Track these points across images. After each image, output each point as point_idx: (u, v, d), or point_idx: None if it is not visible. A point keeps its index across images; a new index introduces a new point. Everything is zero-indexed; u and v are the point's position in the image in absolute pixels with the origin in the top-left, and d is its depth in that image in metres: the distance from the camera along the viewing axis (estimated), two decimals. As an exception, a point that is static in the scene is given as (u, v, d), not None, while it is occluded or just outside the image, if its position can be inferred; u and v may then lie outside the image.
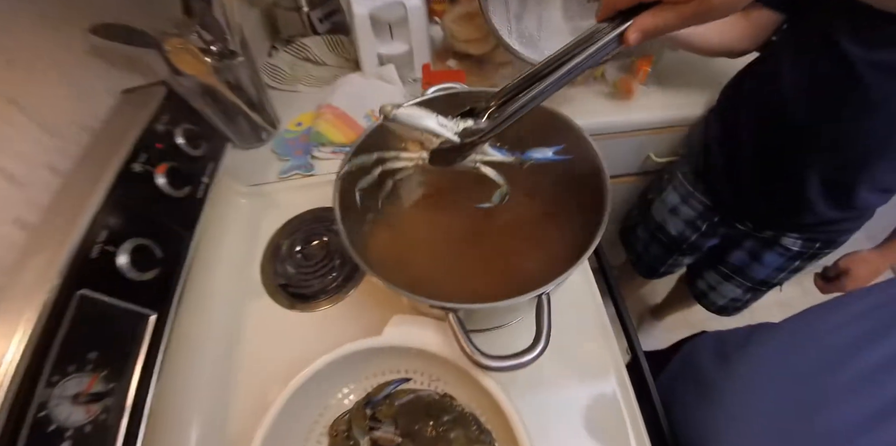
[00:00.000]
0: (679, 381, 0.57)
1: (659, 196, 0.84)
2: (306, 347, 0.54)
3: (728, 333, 0.56)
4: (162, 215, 0.47)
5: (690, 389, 0.53)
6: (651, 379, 0.54)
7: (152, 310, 0.43)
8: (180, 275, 0.47)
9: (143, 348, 0.42)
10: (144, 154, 0.46)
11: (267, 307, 0.58)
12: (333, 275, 0.61)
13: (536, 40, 0.65)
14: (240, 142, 0.74)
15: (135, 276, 0.42)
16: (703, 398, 0.50)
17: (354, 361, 0.43)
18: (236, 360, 0.54)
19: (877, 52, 0.49)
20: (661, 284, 1.27)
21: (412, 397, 0.45)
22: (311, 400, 0.45)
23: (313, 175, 0.70)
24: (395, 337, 0.42)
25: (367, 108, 0.72)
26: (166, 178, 0.47)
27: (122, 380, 0.40)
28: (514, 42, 0.65)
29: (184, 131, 0.52)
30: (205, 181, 0.54)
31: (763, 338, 0.48)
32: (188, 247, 0.49)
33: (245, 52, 0.64)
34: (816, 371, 0.40)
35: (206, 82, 0.62)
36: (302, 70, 0.87)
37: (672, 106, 0.77)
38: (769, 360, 0.45)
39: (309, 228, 0.65)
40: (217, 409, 0.51)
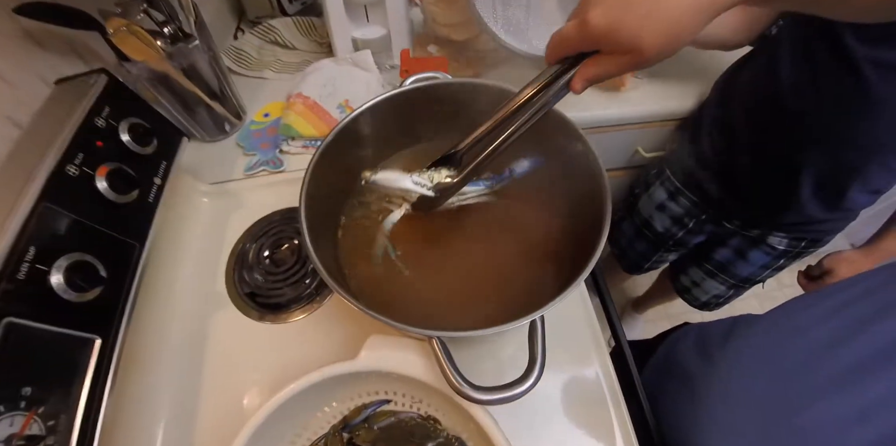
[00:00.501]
0: (662, 375, 0.56)
1: (646, 191, 0.82)
2: (279, 363, 0.51)
3: (709, 326, 0.55)
4: (105, 225, 0.41)
5: (673, 383, 0.53)
6: (635, 368, 0.53)
7: (96, 335, 0.38)
8: (129, 293, 0.42)
9: (88, 378, 0.37)
10: (82, 154, 0.40)
11: (234, 319, 0.54)
12: (307, 281, 0.56)
13: (524, 29, 0.60)
14: (200, 135, 0.67)
15: (73, 298, 0.36)
16: (685, 393, 0.49)
17: (327, 386, 0.39)
18: (201, 381, 0.49)
19: (879, 49, 0.47)
20: (643, 277, 1.27)
21: (393, 420, 0.42)
22: (283, 427, 0.41)
23: (282, 171, 0.65)
24: (372, 361, 0.38)
25: (340, 97, 0.66)
26: (109, 182, 0.41)
27: (64, 416, 0.35)
28: (500, 30, 0.60)
29: (130, 126, 0.46)
30: (157, 182, 0.48)
31: (744, 332, 0.48)
32: (138, 259, 0.44)
33: (202, 35, 0.57)
34: (799, 365, 0.39)
35: (157, 69, 0.55)
36: (270, 54, 0.80)
37: (663, 99, 0.73)
38: (750, 355, 0.44)
39: (278, 230, 0.60)
40: (182, 436, 0.46)
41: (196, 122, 0.65)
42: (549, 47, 0.31)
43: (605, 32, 0.27)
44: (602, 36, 0.27)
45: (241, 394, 0.49)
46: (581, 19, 0.28)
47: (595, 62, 0.30)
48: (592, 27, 0.27)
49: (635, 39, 0.27)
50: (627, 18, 0.26)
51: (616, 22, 0.26)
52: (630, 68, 0.29)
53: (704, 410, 0.45)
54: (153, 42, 0.51)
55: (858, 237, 1.41)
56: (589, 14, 0.27)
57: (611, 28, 0.27)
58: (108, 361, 0.39)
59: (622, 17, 0.26)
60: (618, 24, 0.26)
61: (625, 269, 0.99)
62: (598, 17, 0.27)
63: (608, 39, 0.27)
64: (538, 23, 0.61)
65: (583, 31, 0.28)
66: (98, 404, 0.38)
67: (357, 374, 0.39)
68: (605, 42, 0.28)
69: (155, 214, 0.47)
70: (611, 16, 0.27)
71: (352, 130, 0.44)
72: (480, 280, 0.42)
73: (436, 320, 0.36)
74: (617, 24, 0.26)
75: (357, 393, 0.43)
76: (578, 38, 0.29)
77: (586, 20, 0.27)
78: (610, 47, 0.28)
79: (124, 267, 0.43)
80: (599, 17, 0.27)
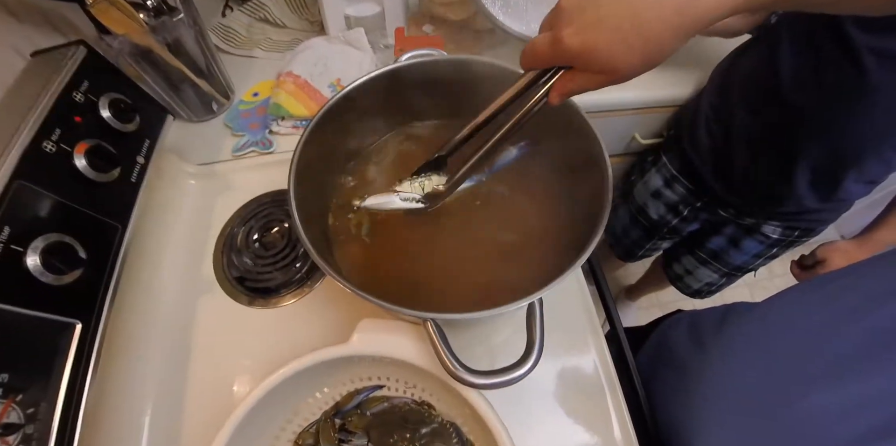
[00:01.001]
0: (654, 361, 0.56)
1: (642, 178, 0.82)
2: (270, 349, 0.49)
3: (701, 314, 0.55)
4: (85, 205, 0.39)
5: (665, 370, 0.53)
6: (631, 355, 0.53)
7: (76, 319, 0.36)
8: (111, 275, 0.40)
9: (68, 364, 0.36)
10: (59, 129, 0.38)
11: (222, 304, 0.52)
12: (297, 265, 0.55)
13: (523, 10, 0.58)
14: (186, 115, 0.65)
15: (50, 281, 0.35)
16: (677, 380, 0.49)
17: (319, 371, 0.38)
18: (189, 367, 0.48)
19: (881, 38, 0.47)
20: (636, 266, 1.28)
21: (386, 406, 0.41)
22: (273, 412, 0.40)
23: (272, 152, 0.63)
24: (365, 345, 0.37)
25: (332, 76, 0.64)
26: (88, 159, 0.39)
27: (44, 404, 0.34)
28: (498, 11, 0.58)
29: (111, 102, 0.44)
30: (140, 161, 0.46)
31: (737, 320, 0.47)
32: (121, 241, 0.42)
33: (188, 9, 0.54)
34: (791, 355, 0.39)
35: (140, 43, 0.52)
36: (259, 32, 0.77)
37: (662, 85, 0.72)
38: (743, 344, 0.44)
39: (268, 213, 0.58)
40: (169, 423, 0.45)
41: (182, 101, 0.62)
42: (524, 56, 0.30)
43: (578, 53, 0.26)
44: (575, 56, 0.26)
45: (231, 380, 0.48)
46: (554, 37, 0.26)
47: (571, 78, 0.28)
48: (566, 47, 0.26)
49: (609, 61, 0.25)
50: (601, 39, 0.25)
51: (590, 43, 0.25)
52: (607, 85, 0.28)
53: (696, 398, 0.45)
54: (135, 14, 0.49)
55: (848, 228, 1.42)
56: (562, 32, 0.26)
57: (584, 49, 0.25)
58: (90, 347, 0.38)
59: (596, 39, 0.25)
60: (591, 44, 0.25)
61: (618, 256, 0.99)
62: (571, 36, 0.25)
63: (582, 60, 0.26)
64: (537, 4, 0.59)
65: (556, 49, 0.27)
66: (80, 391, 0.36)
67: (349, 358, 0.38)
68: (579, 62, 0.27)
69: (138, 195, 0.45)
70: (584, 36, 0.25)
71: (343, 109, 0.42)
72: (476, 263, 0.41)
73: (430, 303, 0.35)
74: (591, 44, 0.25)
75: (349, 378, 0.42)
76: (551, 55, 0.27)
77: (559, 39, 0.26)
78: (584, 67, 0.27)
79: (106, 249, 0.41)
80: (572, 37, 0.25)
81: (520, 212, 0.44)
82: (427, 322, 0.31)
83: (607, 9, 0.24)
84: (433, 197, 0.40)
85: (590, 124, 0.39)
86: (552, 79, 0.30)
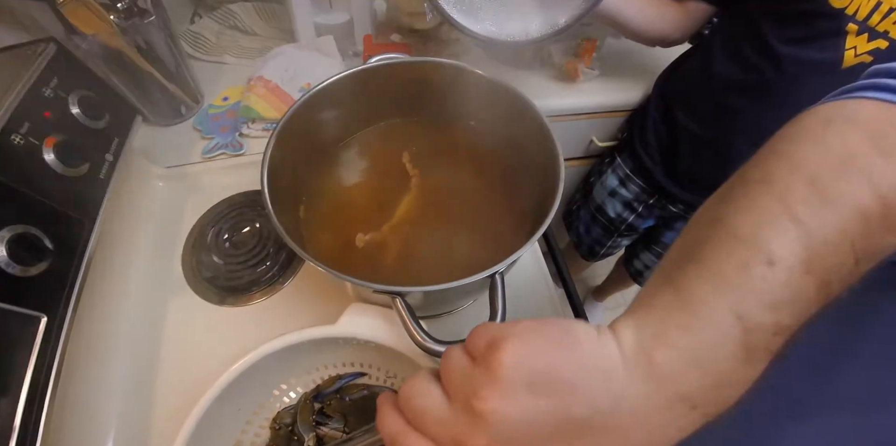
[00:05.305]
0: None
1: (599, 179, 0.87)
2: (240, 345, 0.49)
3: None
4: (52, 198, 0.39)
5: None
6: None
7: (41, 313, 0.36)
8: (78, 270, 0.40)
9: (32, 358, 0.35)
10: (28, 123, 0.39)
11: (192, 303, 0.52)
12: (267, 264, 0.56)
13: (477, 9, 0.55)
14: (155, 118, 0.65)
15: (16, 272, 0.35)
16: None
17: (303, 350, 0.39)
18: (158, 365, 0.48)
19: (800, 48, 0.53)
20: (601, 267, 1.33)
21: (365, 393, 0.42)
22: (253, 390, 0.41)
23: (242, 154, 0.64)
24: (351, 327, 0.38)
25: (302, 81, 0.66)
26: (57, 153, 0.40)
27: (5, 399, 0.33)
28: (452, 8, 0.58)
29: (80, 99, 0.44)
30: (108, 159, 0.47)
31: None
32: (88, 236, 0.42)
33: (158, 12, 0.56)
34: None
35: (110, 45, 0.53)
36: (229, 39, 0.79)
37: (613, 91, 0.78)
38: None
39: (238, 213, 0.59)
40: (137, 420, 0.45)
41: (151, 104, 0.63)
42: (385, 436, 0.21)
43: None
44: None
45: (200, 375, 0.47)
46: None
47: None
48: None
49: None
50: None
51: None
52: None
53: None
54: (106, 15, 0.50)
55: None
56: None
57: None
58: (56, 341, 0.37)
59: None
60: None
61: (582, 256, 1.03)
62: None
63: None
64: (493, 4, 0.60)
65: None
66: (44, 386, 0.36)
67: (335, 340, 0.39)
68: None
69: (106, 192, 0.45)
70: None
71: (311, 108, 0.44)
72: (443, 248, 0.43)
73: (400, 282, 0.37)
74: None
75: (332, 362, 0.43)
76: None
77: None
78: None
79: (73, 243, 0.41)
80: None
81: (482, 201, 0.47)
82: (396, 298, 0.33)
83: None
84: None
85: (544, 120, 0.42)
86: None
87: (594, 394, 0.18)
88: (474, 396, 0.18)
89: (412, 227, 0.45)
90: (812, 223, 0.18)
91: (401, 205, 0.46)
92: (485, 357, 0.19)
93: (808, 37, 0.52)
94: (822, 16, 0.50)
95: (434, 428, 0.20)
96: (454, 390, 0.20)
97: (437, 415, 0.20)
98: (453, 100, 0.49)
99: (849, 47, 0.50)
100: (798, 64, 0.54)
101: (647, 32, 0.64)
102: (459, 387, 0.20)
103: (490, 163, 0.49)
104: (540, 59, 0.79)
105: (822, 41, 0.51)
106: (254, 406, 0.41)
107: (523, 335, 0.19)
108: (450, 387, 0.20)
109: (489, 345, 0.20)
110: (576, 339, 0.19)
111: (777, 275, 0.18)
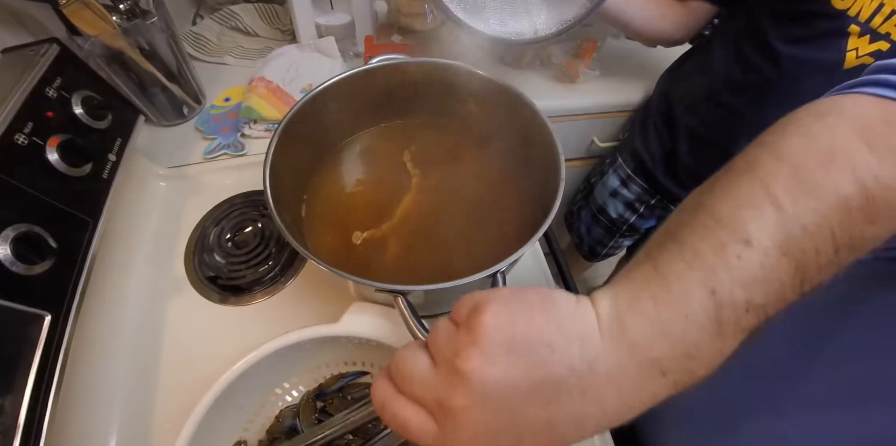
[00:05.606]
0: None
1: (601, 179, 0.87)
2: (242, 344, 0.49)
3: None
4: (56, 197, 0.39)
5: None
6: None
7: (46, 311, 0.36)
8: (82, 268, 0.40)
9: (37, 356, 0.35)
10: (31, 123, 0.39)
11: (194, 303, 0.52)
12: (269, 263, 0.56)
13: (481, 7, 0.55)
14: (157, 119, 0.65)
15: (21, 270, 0.35)
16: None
17: (306, 349, 0.39)
18: (160, 364, 0.48)
19: (801, 49, 0.53)
20: (603, 267, 1.33)
21: (367, 392, 0.43)
22: (256, 388, 0.41)
23: (244, 155, 0.64)
24: (353, 326, 0.38)
25: (304, 82, 0.66)
26: (60, 153, 0.40)
27: (10, 396, 0.34)
28: (457, 7, 0.58)
29: (83, 99, 0.44)
30: (112, 159, 0.47)
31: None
32: (92, 235, 0.42)
33: (160, 12, 0.56)
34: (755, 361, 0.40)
35: (112, 46, 0.54)
36: (231, 40, 0.79)
37: (614, 91, 0.78)
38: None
39: (240, 213, 0.59)
40: (140, 418, 0.45)
41: (153, 105, 0.63)
42: (375, 403, 0.22)
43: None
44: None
45: (202, 373, 0.47)
46: (441, 443, 0.20)
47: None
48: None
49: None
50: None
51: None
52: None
53: (666, 415, 0.46)
54: (108, 16, 0.50)
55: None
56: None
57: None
58: (59, 339, 0.37)
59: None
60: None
61: (584, 256, 1.03)
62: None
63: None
64: (497, 2, 0.59)
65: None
66: (48, 384, 0.36)
67: (336, 339, 0.39)
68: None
69: (109, 191, 0.46)
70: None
71: (313, 109, 0.45)
72: (444, 247, 0.43)
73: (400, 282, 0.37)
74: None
75: (335, 361, 0.43)
76: (426, 445, 0.20)
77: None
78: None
79: (77, 243, 0.41)
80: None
81: (484, 201, 0.47)
82: (398, 297, 0.33)
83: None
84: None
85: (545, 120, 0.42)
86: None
87: (571, 356, 0.19)
88: (457, 357, 0.19)
89: (414, 227, 0.46)
90: (792, 208, 0.19)
91: (402, 205, 0.46)
92: (467, 321, 0.20)
93: (809, 37, 0.52)
94: (824, 16, 0.50)
95: (419, 391, 0.20)
96: (439, 354, 0.21)
97: (422, 379, 0.20)
98: (454, 100, 0.49)
99: (850, 49, 0.50)
100: (799, 64, 0.54)
101: (649, 31, 0.64)
102: (443, 351, 0.20)
103: (491, 163, 0.49)
104: (540, 60, 0.79)
105: (824, 42, 0.51)
106: (256, 405, 0.41)
107: (504, 300, 0.20)
108: (435, 352, 0.21)
109: (471, 310, 0.20)
110: (554, 305, 0.20)
111: (752, 256, 0.18)
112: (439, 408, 0.19)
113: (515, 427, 0.19)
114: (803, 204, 0.19)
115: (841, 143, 0.20)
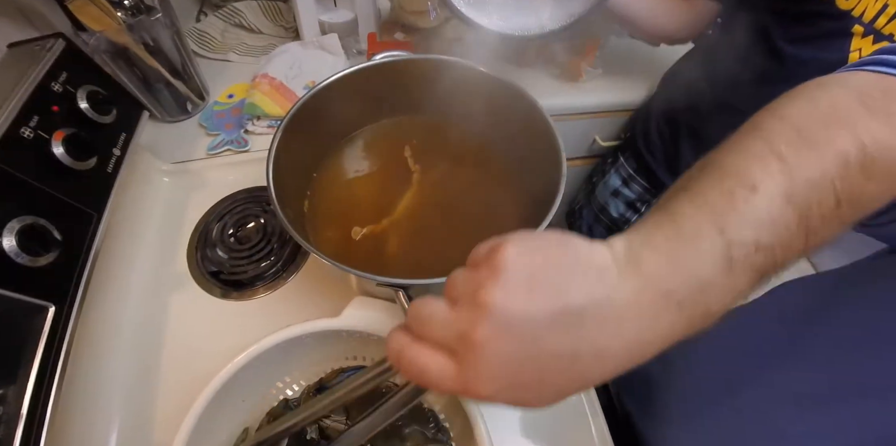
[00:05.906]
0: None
1: (602, 179, 0.87)
2: (243, 339, 0.50)
3: None
4: (61, 190, 0.40)
5: (635, 383, 0.54)
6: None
7: (50, 302, 0.37)
8: (86, 261, 0.41)
9: (40, 347, 0.36)
10: (37, 117, 0.39)
11: (196, 297, 0.53)
12: (271, 259, 0.56)
13: (485, 2, 0.55)
14: (161, 114, 0.66)
15: (26, 262, 0.35)
16: (641, 388, 0.51)
17: (307, 343, 0.39)
18: (162, 356, 0.48)
19: (805, 49, 0.53)
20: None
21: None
22: (256, 382, 0.41)
23: (247, 151, 0.64)
24: (355, 320, 0.38)
25: (307, 79, 0.66)
26: (66, 147, 0.40)
27: (13, 386, 0.34)
28: (461, 2, 0.58)
29: (88, 94, 0.45)
30: (116, 153, 0.47)
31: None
32: (96, 228, 0.43)
33: (165, 9, 0.56)
34: (747, 348, 0.40)
35: (117, 41, 0.54)
36: (234, 37, 0.79)
37: (617, 90, 0.78)
38: (701, 343, 0.46)
39: (243, 209, 0.59)
40: (141, 410, 0.45)
41: (157, 100, 0.63)
42: (391, 353, 0.23)
43: (487, 398, 0.20)
44: (483, 399, 0.20)
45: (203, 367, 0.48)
46: (463, 381, 0.20)
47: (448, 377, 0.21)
48: (473, 392, 0.20)
49: (525, 406, 0.21)
50: (518, 394, 0.20)
51: (502, 393, 0.20)
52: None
53: (664, 409, 0.46)
54: (113, 12, 0.50)
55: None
56: (471, 384, 0.20)
57: (495, 398, 0.20)
58: (63, 331, 0.38)
59: (517, 396, 0.20)
60: (504, 396, 0.20)
61: (584, 256, 1.03)
62: (484, 384, 0.19)
63: (491, 401, 0.20)
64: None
65: (462, 389, 0.20)
66: (51, 375, 0.36)
67: (338, 333, 0.39)
68: (488, 402, 0.21)
69: (113, 185, 0.46)
70: (499, 386, 0.19)
71: (316, 105, 0.45)
72: (445, 243, 0.44)
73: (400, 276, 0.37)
74: (503, 396, 0.20)
75: (335, 355, 0.44)
76: (446, 388, 0.21)
77: (467, 387, 0.20)
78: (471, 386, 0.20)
79: (81, 235, 0.41)
80: (486, 385, 0.19)
81: (484, 198, 0.47)
82: (399, 292, 0.34)
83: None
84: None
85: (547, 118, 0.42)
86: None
87: (590, 286, 0.19)
88: (478, 291, 0.20)
89: (415, 222, 0.46)
90: (794, 161, 0.20)
91: (403, 200, 0.46)
92: (487, 259, 0.21)
93: (813, 37, 0.52)
94: (828, 17, 0.50)
95: (439, 332, 0.21)
96: (458, 294, 0.21)
97: (442, 319, 0.21)
98: (456, 97, 0.49)
99: (854, 49, 0.50)
100: (802, 64, 0.54)
101: (653, 29, 0.64)
102: (462, 290, 0.21)
103: (492, 160, 0.49)
104: (543, 58, 0.79)
105: (828, 42, 0.51)
106: (257, 398, 0.42)
107: (522, 238, 0.21)
108: (454, 294, 0.21)
109: (490, 250, 0.21)
110: (571, 242, 0.21)
111: (758, 201, 0.20)
112: (461, 343, 0.20)
113: (538, 359, 0.19)
114: (805, 157, 0.20)
115: (842, 107, 0.21)
